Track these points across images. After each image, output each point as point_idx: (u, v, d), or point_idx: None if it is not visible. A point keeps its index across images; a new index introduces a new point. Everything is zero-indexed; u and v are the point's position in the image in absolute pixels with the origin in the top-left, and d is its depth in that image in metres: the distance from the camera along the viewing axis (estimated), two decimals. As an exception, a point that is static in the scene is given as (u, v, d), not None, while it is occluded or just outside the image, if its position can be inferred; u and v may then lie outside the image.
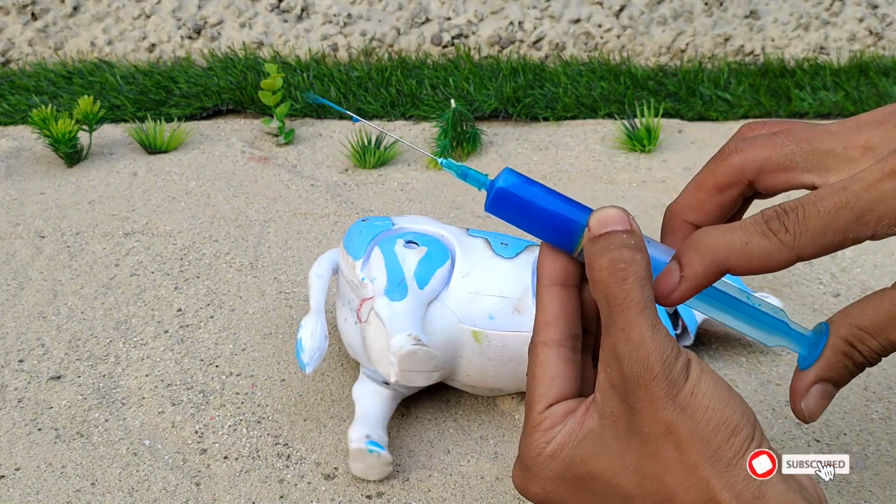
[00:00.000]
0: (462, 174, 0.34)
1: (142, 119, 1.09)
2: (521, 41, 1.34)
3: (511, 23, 1.34)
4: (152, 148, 1.01)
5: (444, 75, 1.22)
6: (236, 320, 0.68)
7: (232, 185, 0.93)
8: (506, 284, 0.54)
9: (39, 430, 0.56)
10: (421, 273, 0.53)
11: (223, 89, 1.14)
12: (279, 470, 0.53)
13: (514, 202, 0.33)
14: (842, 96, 1.22)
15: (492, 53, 1.33)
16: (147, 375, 0.61)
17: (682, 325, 0.62)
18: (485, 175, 0.34)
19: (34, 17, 1.26)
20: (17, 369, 0.62)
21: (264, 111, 1.12)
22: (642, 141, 1.05)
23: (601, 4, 1.35)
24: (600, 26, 1.35)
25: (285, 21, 1.31)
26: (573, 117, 1.16)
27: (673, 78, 1.26)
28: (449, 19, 1.33)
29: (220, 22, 1.30)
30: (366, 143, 0.99)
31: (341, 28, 1.31)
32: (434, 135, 1.05)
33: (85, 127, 1.00)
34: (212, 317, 0.68)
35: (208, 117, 1.14)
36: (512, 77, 1.21)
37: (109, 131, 1.07)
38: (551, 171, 1.00)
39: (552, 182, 0.98)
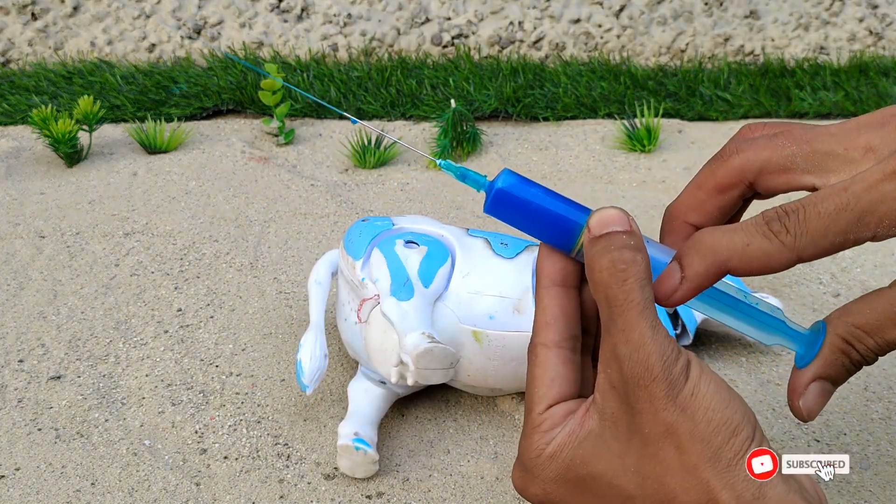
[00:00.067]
0: (461, 175, 0.34)
1: (142, 119, 1.09)
2: (521, 41, 1.34)
3: (511, 23, 1.34)
4: (152, 148, 1.01)
5: (444, 75, 1.22)
6: (236, 320, 0.68)
7: (232, 185, 0.93)
8: (506, 284, 0.54)
9: (39, 430, 0.56)
10: (424, 272, 0.53)
11: (223, 89, 1.14)
12: (279, 470, 0.53)
13: (514, 203, 0.33)
14: (842, 96, 1.22)
15: (492, 53, 1.33)
16: (147, 375, 0.61)
17: (682, 325, 0.62)
18: (484, 176, 0.34)
19: (34, 17, 1.26)
20: (17, 369, 0.62)
21: (264, 111, 1.12)
22: (642, 141, 1.05)
23: (601, 4, 1.35)
24: (600, 26, 1.35)
25: (285, 21, 1.31)
26: (573, 117, 1.16)
27: (673, 78, 1.26)
28: (449, 19, 1.33)
29: (220, 22, 1.30)
30: (366, 143, 0.99)
31: (341, 28, 1.31)
32: (434, 135, 1.05)
33: (85, 127, 1.00)
34: (212, 317, 0.68)
35: (208, 117, 1.14)
36: (512, 77, 1.21)
37: (109, 131, 1.07)
38: (551, 171, 1.00)
39: (552, 182, 0.98)
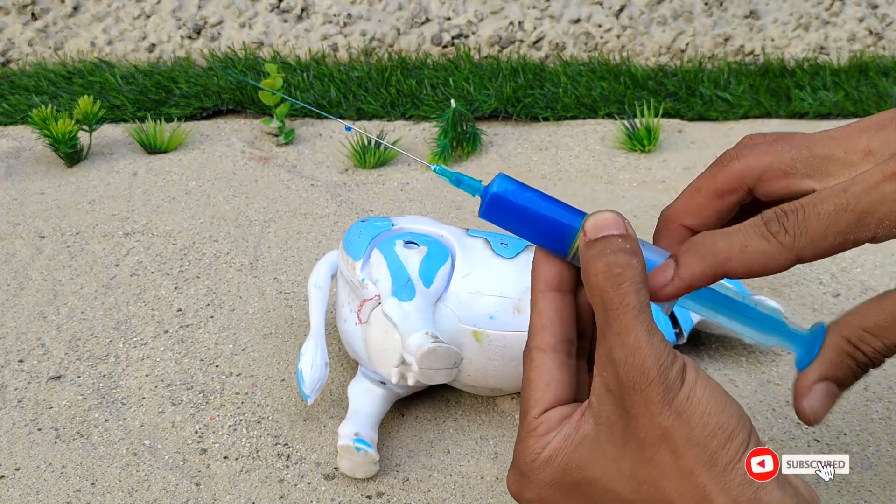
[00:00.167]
0: (456, 181, 0.34)
1: (142, 119, 1.09)
2: (521, 41, 1.34)
3: (511, 23, 1.34)
4: (152, 148, 1.01)
5: (444, 75, 1.22)
6: (236, 320, 0.68)
7: (232, 185, 0.93)
8: (506, 284, 0.54)
9: (39, 430, 0.56)
10: (425, 272, 0.53)
11: (223, 89, 1.14)
12: (279, 470, 0.53)
13: (509, 208, 0.33)
14: (842, 96, 1.22)
15: (492, 53, 1.33)
16: (147, 375, 0.61)
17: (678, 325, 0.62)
18: (478, 181, 0.34)
19: (34, 17, 1.26)
20: (17, 369, 0.62)
21: (264, 111, 1.12)
22: (642, 141, 1.05)
23: (601, 4, 1.35)
24: (600, 26, 1.35)
25: (285, 21, 1.31)
26: (573, 117, 1.16)
27: (673, 78, 1.26)
28: (449, 19, 1.33)
29: (220, 22, 1.30)
30: (366, 143, 0.99)
31: (341, 28, 1.31)
32: (434, 135, 1.05)
33: (85, 127, 1.00)
34: (212, 317, 0.68)
35: (208, 117, 1.14)
36: (512, 77, 1.21)
37: (109, 131, 1.07)
38: (551, 172, 1.00)
39: (552, 182, 0.98)
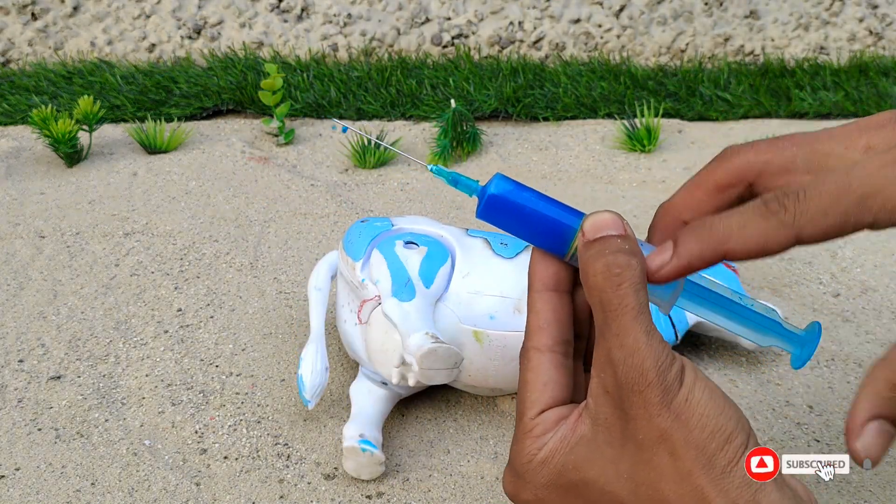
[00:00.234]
0: (453, 181, 0.34)
1: (142, 119, 1.09)
2: (521, 41, 1.34)
3: (511, 23, 1.34)
4: (152, 148, 1.01)
5: (444, 75, 1.22)
6: (236, 320, 0.68)
7: (232, 185, 0.93)
8: (506, 284, 0.54)
9: (39, 430, 0.56)
10: (425, 272, 0.53)
11: (223, 89, 1.14)
12: (279, 470, 0.53)
13: (506, 208, 0.33)
14: (842, 96, 1.22)
15: (492, 53, 1.33)
16: (147, 375, 0.61)
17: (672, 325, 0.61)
18: (476, 181, 0.34)
19: (34, 17, 1.26)
20: (17, 369, 0.62)
21: (264, 111, 1.12)
22: (642, 141, 1.05)
23: (601, 4, 1.35)
24: (600, 26, 1.35)
25: (285, 21, 1.31)
26: (573, 117, 1.16)
27: (673, 78, 1.26)
28: (449, 19, 1.33)
29: (220, 22, 1.30)
30: (366, 143, 0.99)
31: (341, 28, 1.31)
32: (434, 135, 1.05)
33: (85, 127, 1.00)
34: (212, 317, 0.68)
35: (208, 117, 1.14)
36: (512, 77, 1.21)
37: (109, 131, 1.07)
38: (551, 171, 1.00)
39: (552, 182, 0.98)
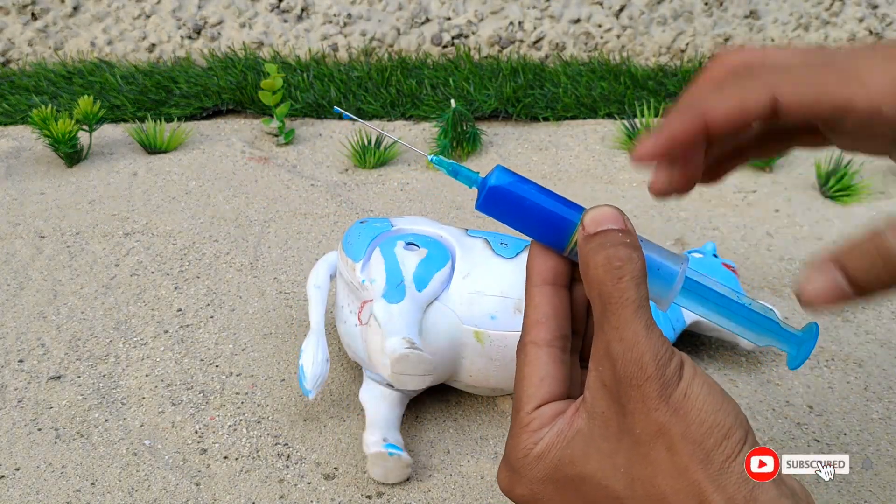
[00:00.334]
0: (453, 172, 0.34)
1: (142, 119, 1.09)
2: (521, 41, 1.34)
3: (511, 23, 1.34)
4: (152, 148, 1.01)
5: (444, 75, 1.22)
6: (236, 320, 0.68)
7: (232, 185, 0.93)
8: (506, 284, 0.54)
9: (39, 430, 0.56)
10: (420, 275, 0.53)
11: (223, 89, 1.14)
12: (279, 470, 0.53)
13: (507, 200, 0.32)
14: (842, 96, 1.22)
15: (492, 53, 1.33)
16: (147, 375, 0.61)
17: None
18: (476, 173, 0.34)
19: (34, 17, 1.26)
20: (17, 369, 0.62)
21: (264, 111, 1.12)
22: (642, 141, 1.05)
23: (601, 4, 1.35)
24: (600, 26, 1.35)
25: (285, 21, 1.31)
26: (573, 117, 1.16)
27: (673, 78, 1.26)
28: (449, 19, 1.33)
29: (220, 22, 1.30)
30: (366, 143, 0.99)
31: (341, 28, 1.31)
32: (434, 135, 1.05)
33: (85, 127, 1.00)
34: (212, 317, 0.68)
35: (208, 117, 1.14)
36: (512, 77, 1.21)
37: (109, 131, 1.07)
38: (551, 171, 1.00)
39: (552, 182, 0.98)
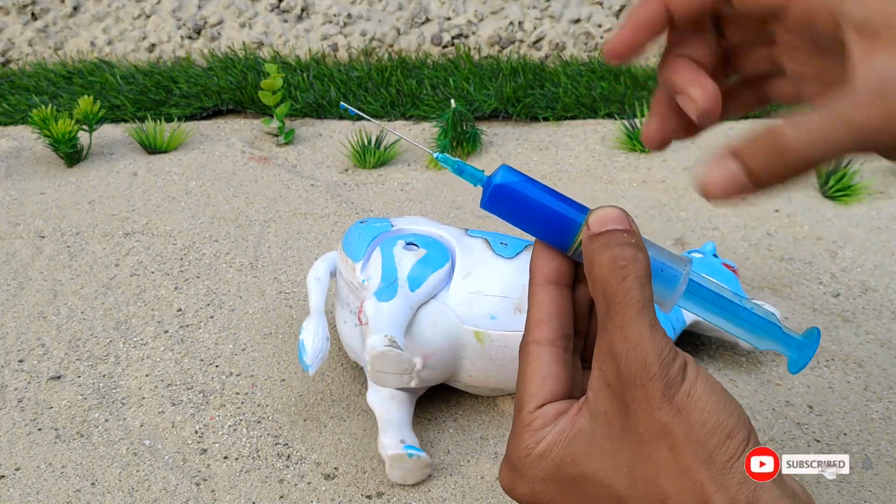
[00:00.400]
0: (458, 170, 0.34)
1: (142, 119, 1.09)
2: (521, 41, 1.34)
3: (511, 23, 1.34)
4: (152, 148, 1.01)
5: (444, 75, 1.22)
6: (236, 320, 0.68)
7: (232, 185, 0.93)
8: (506, 284, 0.54)
9: (39, 430, 0.56)
10: (414, 275, 0.53)
11: (223, 89, 1.14)
12: (279, 470, 0.53)
13: (511, 199, 0.32)
14: (842, 96, 1.22)
15: (492, 53, 1.33)
16: (147, 375, 0.61)
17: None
18: (481, 171, 0.34)
19: (34, 17, 1.26)
20: (17, 369, 0.62)
21: (264, 111, 1.12)
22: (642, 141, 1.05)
23: (601, 4, 1.35)
24: (600, 26, 1.35)
25: (285, 21, 1.31)
26: (573, 117, 1.16)
27: (673, 78, 1.26)
28: (449, 19, 1.33)
29: (220, 22, 1.30)
30: (366, 143, 0.99)
31: (341, 28, 1.31)
32: (434, 135, 1.05)
33: (85, 127, 1.00)
34: (212, 317, 0.68)
35: (208, 117, 1.14)
36: (512, 77, 1.21)
37: (109, 131, 1.07)
38: (551, 171, 1.00)
39: (552, 182, 0.98)
